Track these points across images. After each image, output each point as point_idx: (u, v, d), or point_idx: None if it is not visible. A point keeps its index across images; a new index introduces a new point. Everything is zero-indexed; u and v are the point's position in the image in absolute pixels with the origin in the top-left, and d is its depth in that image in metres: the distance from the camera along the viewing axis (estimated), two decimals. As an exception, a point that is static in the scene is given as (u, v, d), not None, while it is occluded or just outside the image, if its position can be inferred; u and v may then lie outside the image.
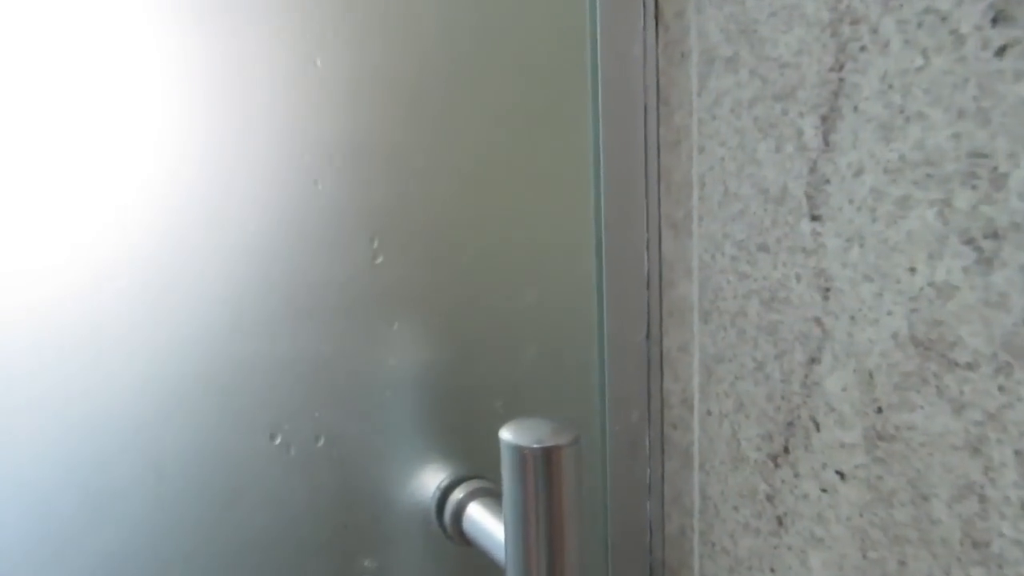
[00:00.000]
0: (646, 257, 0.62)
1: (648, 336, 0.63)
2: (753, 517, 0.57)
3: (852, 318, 0.49)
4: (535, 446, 0.42)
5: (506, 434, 0.43)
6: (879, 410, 0.48)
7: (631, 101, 0.60)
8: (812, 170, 0.50)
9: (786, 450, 0.54)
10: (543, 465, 0.41)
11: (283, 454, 0.46)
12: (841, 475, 0.50)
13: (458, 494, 0.52)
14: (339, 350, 0.48)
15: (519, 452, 0.42)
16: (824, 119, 0.49)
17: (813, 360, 0.51)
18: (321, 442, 0.48)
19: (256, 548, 0.46)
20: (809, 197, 0.50)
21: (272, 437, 0.46)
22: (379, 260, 0.49)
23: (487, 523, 0.50)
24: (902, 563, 0.47)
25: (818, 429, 0.51)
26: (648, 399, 0.64)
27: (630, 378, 0.63)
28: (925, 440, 0.45)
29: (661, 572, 0.66)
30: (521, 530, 0.42)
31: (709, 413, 0.60)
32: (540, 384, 0.58)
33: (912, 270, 0.45)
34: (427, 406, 0.52)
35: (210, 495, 0.44)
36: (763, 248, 0.54)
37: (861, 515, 0.50)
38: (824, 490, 0.52)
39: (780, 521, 0.55)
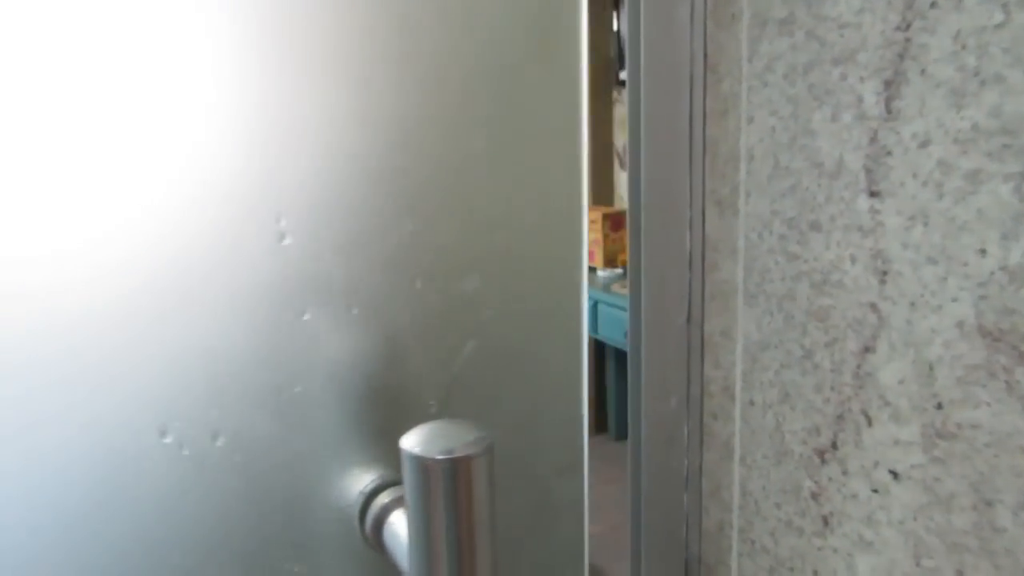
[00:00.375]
0: (688, 236, 0.58)
1: (689, 319, 0.60)
2: (796, 515, 0.53)
3: (912, 304, 0.44)
4: (439, 457, 0.36)
5: (408, 442, 0.37)
6: (939, 406, 0.43)
7: (676, 68, 0.56)
8: (872, 141, 0.46)
9: (834, 445, 0.50)
10: (450, 478, 0.36)
11: (175, 453, 0.42)
12: (894, 475, 0.46)
13: (383, 499, 0.47)
14: (239, 341, 0.43)
15: (421, 464, 0.36)
16: (887, 84, 0.44)
17: (867, 349, 0.47)
18: (220, 442, 0.43)
19: (146, 554, 0.42)
20: (868, 171, 0.46)
21: (162, 434, 0.41)
22: (286, 241, 0.43)
23: (404, 534, 0.45)
24: (960, 573, 0.43)
25: (870, 424, 0.47)
26: (687, 386, 0.60)
27: (669, 364, 0.60)
28: (990, 440, 0.41)
29: (697, 569, 0.62)
30: (425, 552, 0.37)
31: (752, 403, 0.56)
32: (486, 383, 0.51)
33: (982, 252, 0.41)
34: (348, 405, 0.47)
35: (90, 496, 0.40)
36: (815, 227, 0.49)
37: (915, 519, 0.45)
38: (875, 490, 0.48)
39: (826, 521, 0.51)
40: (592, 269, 2.68)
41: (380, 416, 0.48)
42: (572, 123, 0.52)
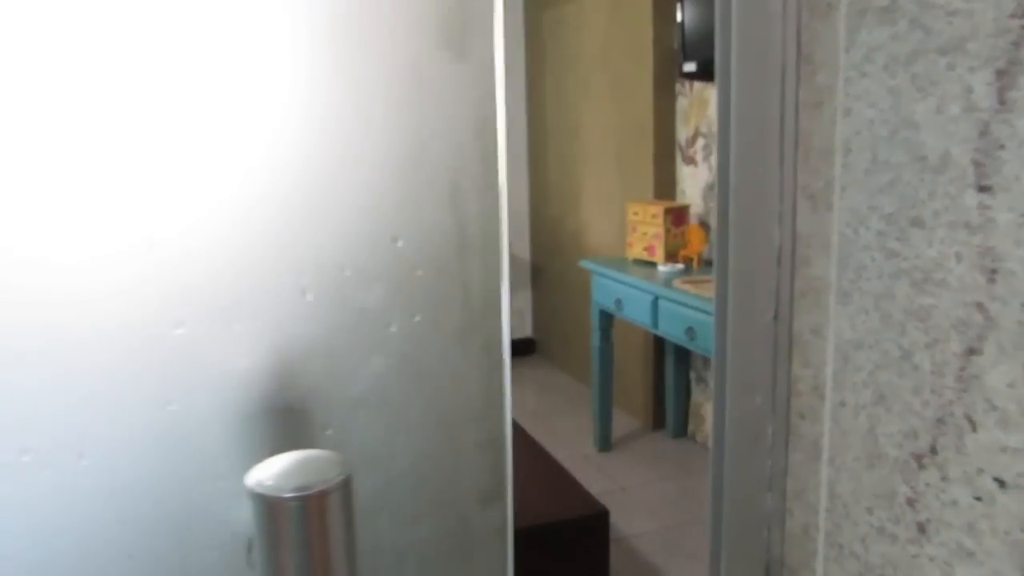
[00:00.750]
0: (778, 231, 0.57)
1: (776, 317, 0.58)
2: (890, 521, 0.52)
3: (1025, 304, 0.42)
4: (288, 495, 0.33)
5: (254, 478, 0.34)
6: (1054, 411, 0.41)
7: (768, 58, 0.55)
8: (983, 133, 0.44)
9: (933, 450, 0.48)
10: (300, 518, 0.33)
11: (35, 473, 0.39)
12: (1001, 483, 0.44)
13: None
14: (102, 354, 0.40)
15: (267, 503, 0.33)
16: (1000, 74, 0.42)
17: (972, 351, 0.45)
18: (86, 461, 0.40)
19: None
20: (977, 165, 0.44)
21: (21, 452, 0.39)
22: (156, 250, 0.40)
23: None
24: (1073, 588, 0.41)
25: (974, 429, 0.45)
26: (773, 385, 0.59)
27: (755, 362, 0.58)
28: (1112, 449, 0.39)
29: (779, 571, 0.61)
30: None
31: (843, 404, 0.54)
32: (395, 405, 0.47)
33: (1106, 250, 0.39)
34: (232, 426, 0.43)
35: None
36: (917, 223, 0.48)
37: (1022, 530, 0.43)
38: (978, 498, 0.46)
39: (922, 528, 0.49)
40: (653, 264, 2.64)
41: (270, 439, 0.44)
42: (487, 123, 0.47)
